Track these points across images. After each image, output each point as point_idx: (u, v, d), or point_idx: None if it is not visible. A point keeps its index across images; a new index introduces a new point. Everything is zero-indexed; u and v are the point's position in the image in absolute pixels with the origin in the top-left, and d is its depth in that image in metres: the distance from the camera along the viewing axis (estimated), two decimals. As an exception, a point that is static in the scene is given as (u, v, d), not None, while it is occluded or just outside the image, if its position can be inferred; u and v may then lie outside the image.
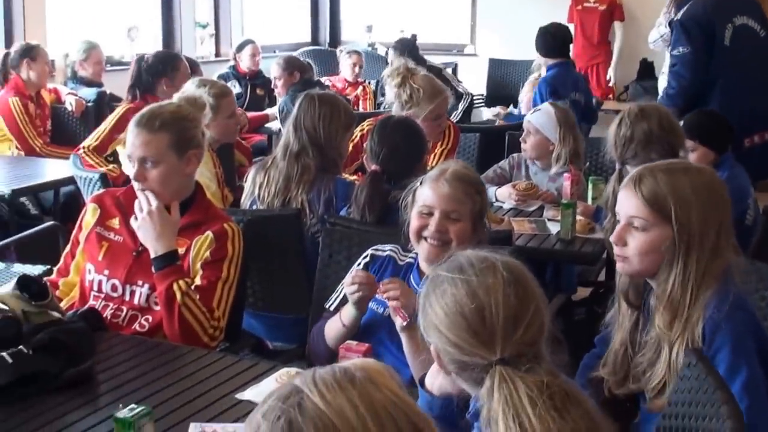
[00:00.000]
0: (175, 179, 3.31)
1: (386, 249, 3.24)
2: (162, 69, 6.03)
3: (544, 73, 7.52)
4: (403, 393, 1.47)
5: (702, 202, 2.58)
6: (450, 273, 1.99)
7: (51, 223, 5.46)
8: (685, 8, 5.91)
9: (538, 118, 5.08)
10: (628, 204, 2.65)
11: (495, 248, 2.19)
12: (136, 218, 3.23)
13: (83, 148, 5.53)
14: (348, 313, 3.02)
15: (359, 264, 3.22)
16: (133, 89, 5.92)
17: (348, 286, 2.99)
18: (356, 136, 5.20)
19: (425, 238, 3.05)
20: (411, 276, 3.11)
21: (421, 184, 3.11)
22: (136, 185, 3.28)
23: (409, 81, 5.19)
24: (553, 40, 7.24)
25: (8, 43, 7.50)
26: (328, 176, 4.24)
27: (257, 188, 4.29)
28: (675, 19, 5.98)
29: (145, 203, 3.22)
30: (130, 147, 3.29)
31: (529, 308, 1.94)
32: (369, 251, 3.24)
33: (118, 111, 5.72)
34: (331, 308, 3.21)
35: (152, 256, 3.20)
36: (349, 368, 1.46)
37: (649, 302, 2.71)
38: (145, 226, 3.20)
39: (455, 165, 3.16)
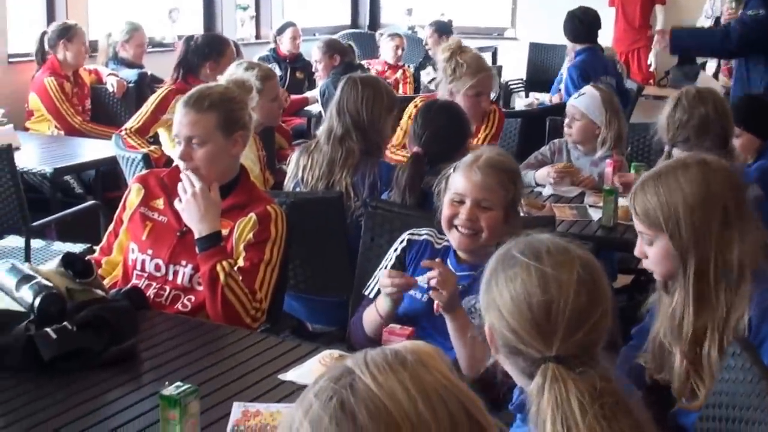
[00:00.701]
0: (221, 160, 3.32)
1: (423, 233, 3.20)
2: (208, 52, 6.02)
3: (572, 58, 7.52)
4: (454, 376, 1.47)
5: (690, 202, 2.58)
6: (525, 257, 1.95)
7: (92, 202, 5.50)
8: None
9: (584, 101, 5.05)
10: (634, 221, 2.72)
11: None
12: (180, 199, 3.24)
13: (125, 129, 5.53)
14: (383, 304, 3.00)
15: (396, 249, 3.19)
16: (178, 69, 5.90)
17: (383, 281, 2.96)
18: (404, 121, 5.21)
19: (456, 227, 3.02)
20: (448, 260, 3.08)
21: (454, 170, 3.07)
22: (181, 165, 3.28)
23: (456, 56, 5.20)
24: (581, 24, 7.27)
25: (50, 21, 7.53)
26: (372, 160, 4.24)
27: (301, 171, 4.29)
28: None
29: (188, 185, 3.22)
30: (177, 126, 3.30)
31: (596, 311, 1.91)
32: (405, 236, 3.22)
33: (160, 92, 5.72)
34: (370, 295, 3.19)
35: (196, 236, 3.21)
36: (400, 350, 1.46)
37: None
38: (190, 208, 3.21)
39: (490, 152, 3.10)
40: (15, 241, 5.24)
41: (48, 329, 2.64)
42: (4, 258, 4.29)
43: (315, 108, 7.49)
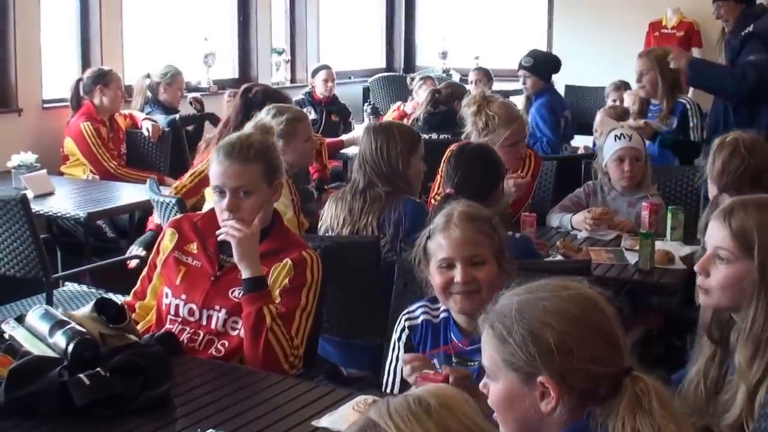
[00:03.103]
0: (264, 209, 3.31)
1: (417, 313, 3.06)
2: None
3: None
4: (480, 419, 1.45)
5: None
6: (541, 293, 1.97)
7: (133, 255, 5.51)
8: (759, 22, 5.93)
9: (637, 142, 5.08)
10: (716, 235, 2.59)
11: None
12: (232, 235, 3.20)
13: (176, 188, 5.38)
14: None
15: (400, 339, 3.07)
16: (237, 118, 5.85)
17: (406, 372, 2.79)
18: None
19: (453, 293, 2.90)
20: (451, 334, 2.98)
21: (429, 237, 2.97)
22: (224, 215, 3.25)
23: (484, 108, 5.17)
24: (544, 67, 7.39)
25: (85, 67, 7.60)
26: (397, 198, 4.22)
27: (329, 218, 4.30)
28: (748, 31, 5.93)
29: (243, 226, 3.20)
30: (220, 177, 3.27)
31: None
32: (403, 322, 3.07)
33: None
34: (388, 390, 3.06)
35: (245, 276, 3.19)
36: (424, 396, 1.44)
37: (731, 338, 2.65)
38: (245, 244, 3.19)
39: (459, 206, 2.99)
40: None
41: (81, 375, 2.62)
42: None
43: (351, 150, 7.49)
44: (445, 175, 4.17)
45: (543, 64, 7.62)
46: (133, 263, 5.44)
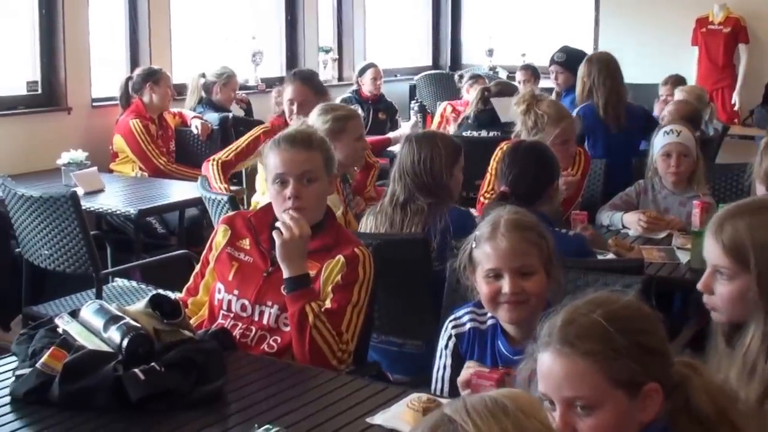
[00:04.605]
0: (324, 200, 3.35)
1: (464, 320, 3.00)
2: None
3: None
4: (552, 424, 1.44)
5: None
6: (606, 306, 1.99)
7: (183, 251, 5.55)
8: None
9: (685, 138, 5.01)
10: (711, 252, 2.48)
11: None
12: (280, 233, 3.20)
13: (213, 159, 5.57)
14: None
15: (447, 347, 3.01)
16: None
17: (464, 388, 2.71)
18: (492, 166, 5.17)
19: (501, 303, 2.84)
20: (499, 343, 2.92)
21: (475, 245, 2.91)
22: (288, 203, 3.26)
23: (534, 107, 5.14)
24: (577, 63, 7.38)
25: (133, 66, 7.67)
26: (441, 208, 4.13)
27: (369, 231, 4.20)
28: None
29: (294, 225, 3.19)
30: (284, 165, 3.29)
31: None
32: (450, 330, 3.01)
33: (255, 131, 5.79)
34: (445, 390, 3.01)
35: (285, 276, 3.20)
36: (500, 398, 1.44)
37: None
38: (289, 246, 3.18)
39: (505, 213, 2.90)
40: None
41: (136, 370, 2.64)
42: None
43: (398, 148, 7.48)
44: (498, 174, 4.13)
45: (576, 60, 7.53)
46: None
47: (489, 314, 2.96)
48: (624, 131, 6.43)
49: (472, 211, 4.63)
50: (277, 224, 3.24)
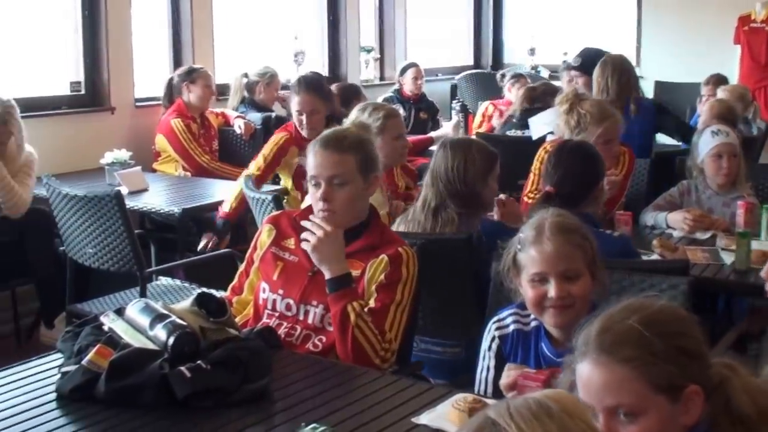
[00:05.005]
0: (358, 202, 3.34)
1: (508, 321, 2.99)
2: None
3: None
4: (597, 425, 1.43)
5: None
6: (641, 312, 1.98)
7: (227, 250, 5.58)
8: None
9: (734, 138, 4.97)
10: None
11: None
12: (308, 240, 3.23)
13: (246, 175, 5.60)
14: None
15: (490, 349, 3.00)
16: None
17: (508, 390, 2.72)
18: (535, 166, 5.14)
19: (547, 307, 2.82)
20: (542, 345, 2.91)
21: (520, 248, 2.89)
22: (319, 205, 3.29)
23: (576, 107, 5.11)
24: (593, 65, 7.29)
25: (176, 66, 7.71)
26: (472, 220, 4.09)
27: None
28: None
29: (317, 228, 3.21)
30: (316, 168, 3.31)
31: None
32: (493, 331, 3.00)
33: (276, 139, 5.79)
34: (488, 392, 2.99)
35: (327, 277, 3.21)
36: (543, 400, 1.43)
37: None
38: (322, 248, 3.20)
39: (549, 216, 2.89)
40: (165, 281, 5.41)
41: (182, 368, 2.65)
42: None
43: (437, 147, 7.48)
44: (544, 174, 4.10)
45: (592, 62, 7.48)
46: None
47: (533, 315, 2.94)
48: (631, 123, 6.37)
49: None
50: (302, 236, 3.27)
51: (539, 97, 7.30)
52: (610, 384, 1.90)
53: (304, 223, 3.28)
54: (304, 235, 3.25)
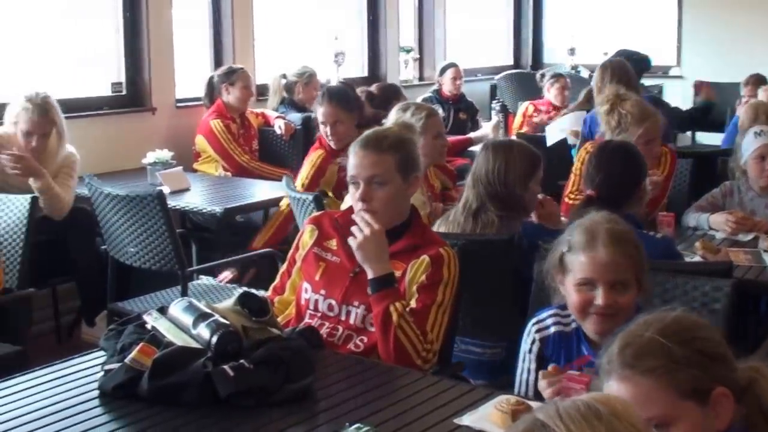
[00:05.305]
0: (398, 202, 3.34)
1: (548, 323, 2.97)
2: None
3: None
4: (645, 428, 1.43)
5: None
6: (660, 322, 1.98)
7: (268, 249, 5.59)
8: None
9: None
10: None
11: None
12: (354, 237, 3.23)
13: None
14: None
15: (531, 351, 2.98)
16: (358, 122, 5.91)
17: (547, 392, 2.69)
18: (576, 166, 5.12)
19: (591, 314, 2.80)
20: (583, 347, 2.89)
21: (568, 249, 2.85)
22: (358, 206, 3.30)
23: (617, 107, 5.09)
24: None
25: (217, 67, 7.73)
26: (513, 222, 4.06)
27: None
28: None
29: (364, 225, 3.22)
30: (355, 168, 3.32)
31: None
32: (533, 334, 2.98)
33: (314, 159, 5.74)
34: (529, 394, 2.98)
35: (370, 277, 3.21)
36: (591, 402, 1.43)
37: None
38: (365, 248, 3.21)
39: (604, 222, 2.84)
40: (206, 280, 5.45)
41: (225, 366, 2.66)
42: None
43: (479, 148, 7.48)
44: (585, 175, 4.07)
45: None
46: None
47: (572, 316, 2.93)
48: None
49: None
50: (352, 229, 3.27)
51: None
52: (638, 397, 1.90)
53: (354, 216, 3.29)
54: (353, 228, 3.25)
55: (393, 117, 4.95)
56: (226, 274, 5.64)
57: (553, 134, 7.49)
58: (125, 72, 7.21)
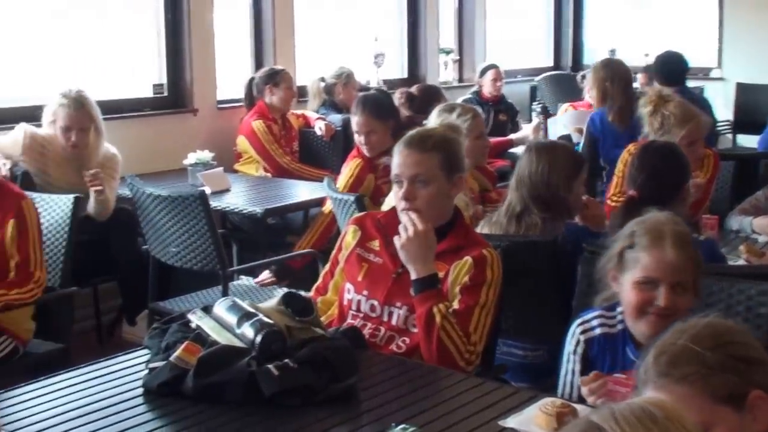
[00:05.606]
0: (441, 202, 3.33)
1: (594, 324, 2.94)
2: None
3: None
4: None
5: None
6: (691, 329, 1.97)
7: (309, 250, 5.61)
8: None
9: None
10: None
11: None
12: (399, 236, 3.23)
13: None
14: None
15: (575, 352, 2.96)
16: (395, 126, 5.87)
17: (589, 396, 2.69)
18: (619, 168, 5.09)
19: (648, 313, 2.77)
20: (628, 350, 2.86)
21: (631, 246, 2.83)
22: (402, 205, 3.29)
23: (661, 108, 5.07)
24: (669, 69, 7.22)
25: (258, 67, 7.78)
26: (557, 224, 4.03)
27: None
28: None
29: (410, 224, 3.22)
30: (399, 167, 3.32)
31: None
32: (578, 335, 2.95)
33: (351, 170, 5.72)
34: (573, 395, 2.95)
35: (413, 278, 3.20)
36: (646, 405, 1.43)
37: None
38: (410, 247, 3.20)
39: (670, 223, 2.83)
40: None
41: (270, 366, 2.68)
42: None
43: (520, 150, 7.46)
44: (628, 176, 4.04)
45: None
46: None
47: (619, 318, 2.91)
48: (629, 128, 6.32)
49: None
50: (400, 227, 3.26)
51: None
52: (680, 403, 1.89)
53: (400, 215, 3.29)
54: (400, 227, 3.25)
55: (435, 118, 4.94)
56: (266, 275, 5.64)
57: (555, 128, 7.53)
58: (167, 73, 7.26)
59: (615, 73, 6.74)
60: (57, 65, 6.72)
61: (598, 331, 2.94)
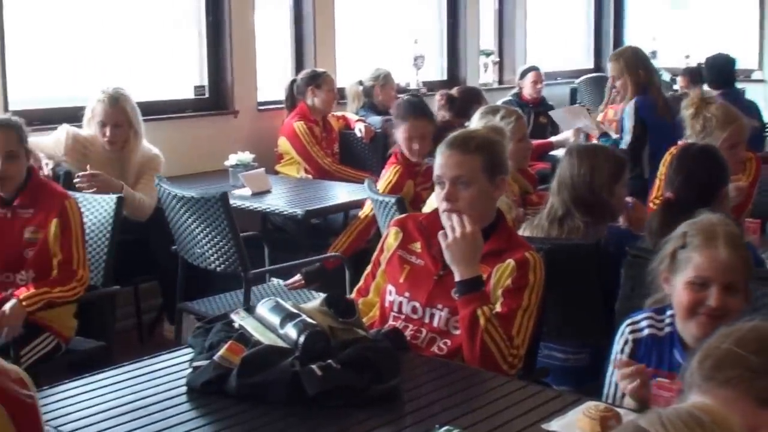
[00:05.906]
0: (483, 203, 3.32)
1: (643, 325, 2.92)
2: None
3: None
4: None
5: None
6: (733, 334, 1.94)
7: (334, 253, 5.63)
8: None
9: None
10: None
11: None
12: (446, 236, 3.22)
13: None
14: (633, 405, 2.70)
15: (622, 351, 2.93)
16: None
17: (621, 381, 2.70)
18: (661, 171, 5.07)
19: (699, 314, 2.74)
20: (675, 351, 2.83)
21: (683, 246, 2.81)
22: (443, 206, 3.29)
23: (702, 110, 5.04)
24: (718, 71, 7.10)
25: (298, 69, 7.80)
26: (599, 228, 4.02)
27: None
28: None
29: (458, 225, 3.21)
30: (441, 168, 3.32)
31: None
32: (627, 334, 2.93)
33: (389, 177, 5.70)
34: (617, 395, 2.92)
35: (457, 279, 3.20)
36: (693, 411, 1.43)
37: None
38: (456, 248, 3.20)
39: (722, 224, 2.82)
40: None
41: (313, 366, 2.68)
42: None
43: (560, 152, 7.44)
44: (666, 179, 4.03)
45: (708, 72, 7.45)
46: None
47: (667, 321, 2.89)
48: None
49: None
50: (447, 227, 3.26)
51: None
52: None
53: (441, 216, 3.29)
54: (447, 227, 3.25)
55: (478, 120, 4.93)
56: (297, 278, 5.65)
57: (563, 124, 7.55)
58: (208, 75, 7.31)
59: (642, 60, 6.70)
60: (99, 67, 6.78)
61: (646, 332, 2.92)
